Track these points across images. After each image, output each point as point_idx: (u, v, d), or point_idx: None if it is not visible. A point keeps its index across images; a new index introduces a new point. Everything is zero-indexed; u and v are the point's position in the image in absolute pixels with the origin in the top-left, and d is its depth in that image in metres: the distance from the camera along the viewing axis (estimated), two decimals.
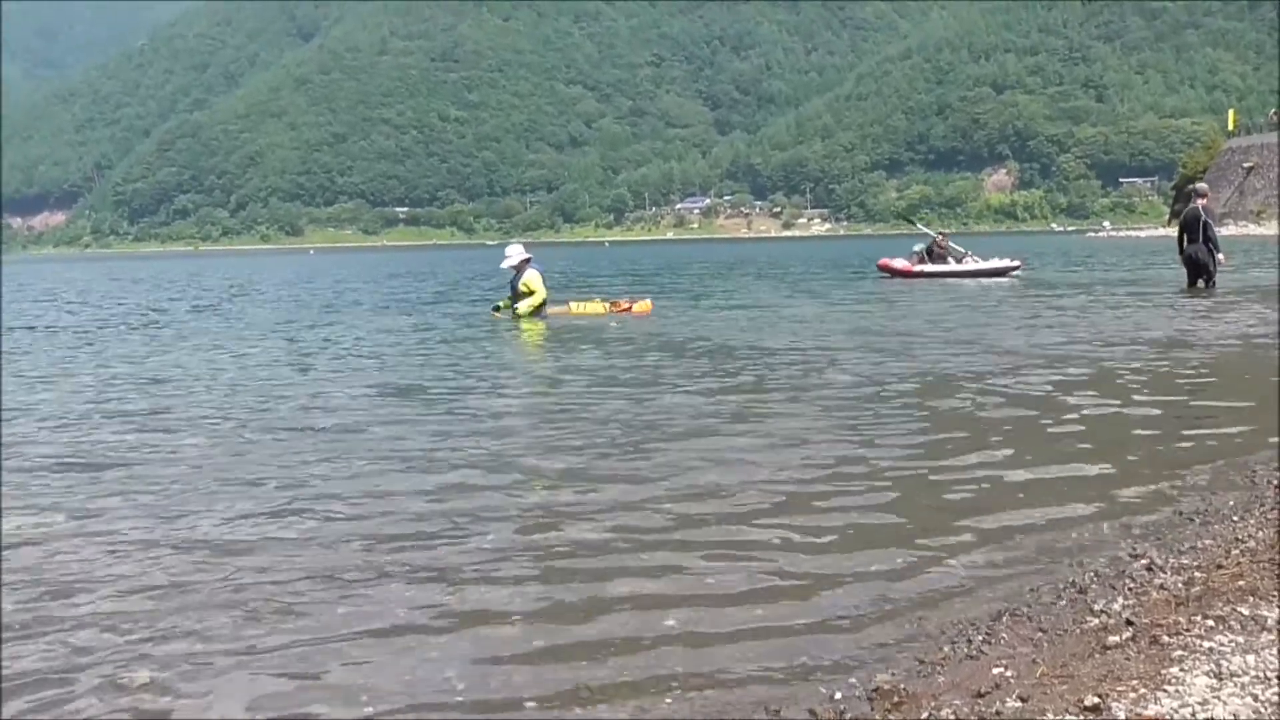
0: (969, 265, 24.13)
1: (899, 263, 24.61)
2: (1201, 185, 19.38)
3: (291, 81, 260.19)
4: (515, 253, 15.00)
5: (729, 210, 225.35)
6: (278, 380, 9.48)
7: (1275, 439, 5.82)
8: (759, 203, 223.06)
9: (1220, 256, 17.24)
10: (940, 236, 25.33)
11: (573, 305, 15.94)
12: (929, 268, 23.90)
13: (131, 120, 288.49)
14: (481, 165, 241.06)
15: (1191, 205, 17.36)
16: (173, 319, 18.38)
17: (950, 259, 24.32)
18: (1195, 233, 17.07)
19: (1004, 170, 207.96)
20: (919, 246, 25.07)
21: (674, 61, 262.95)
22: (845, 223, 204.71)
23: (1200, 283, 17.32)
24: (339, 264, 64.26)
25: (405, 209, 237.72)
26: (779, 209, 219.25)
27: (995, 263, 24.27)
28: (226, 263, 76.75)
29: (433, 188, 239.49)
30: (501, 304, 15.46)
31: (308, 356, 11.53)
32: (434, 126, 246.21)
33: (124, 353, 12.44)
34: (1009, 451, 5.79)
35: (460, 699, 2.86)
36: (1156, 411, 6.90)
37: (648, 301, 16.41)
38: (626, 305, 15.86)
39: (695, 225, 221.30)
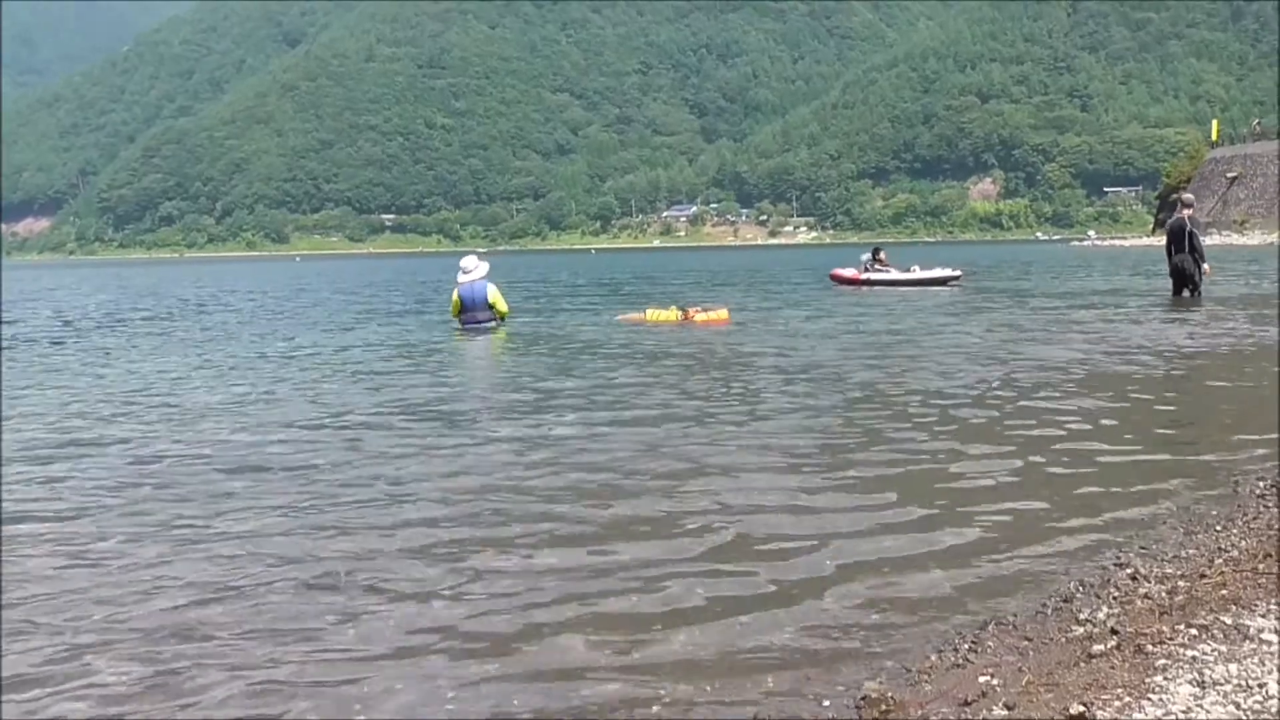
0: (915, 274, 25.11)
1: (848, 272, 25.89)
2: (1187, 196, 19.50)
3: (278, 88, 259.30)
4: (481, 268, 15.28)
5: (715, 218, 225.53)
6: (268, 397, 9.40)
7: (1260, 450, 5.86)
8: (745, 210, 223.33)
9: (1206, 267, 17.33)
10: (881, 255, 26.23)
11: (649, 312, 15.79)
12: (875, 276, 24.97)
13: (116, 126, 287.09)
14: (468, 173, 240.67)
15: (1177, 216, 17.45)
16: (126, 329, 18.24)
17: (892, 269, 25.41)
18: (1181, 243, 17.16)
19: (989, 179, 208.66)
20: (866, 256, 26.26)
21: (661, 69, 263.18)
22: (831, 231, 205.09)
23: (1186, 292, 17.42)
24: (326, 270, 63.99)
25: (392, 216, 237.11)
26: (765, 217, 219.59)
27: (937, 272, 25.46)
28: (210, 270, 76.33)
29: (419, 195, 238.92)
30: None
31: (302, 371, 11.47)
32: (420, 133, 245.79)
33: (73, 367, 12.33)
34: (993, 462, 5.79)
35: (451, 708, 2.88)
36: (1140, 421, 6.92)
37: (724, 310, 15.64)
38: (693, 313, 15.20)
39: (682, 233, 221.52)
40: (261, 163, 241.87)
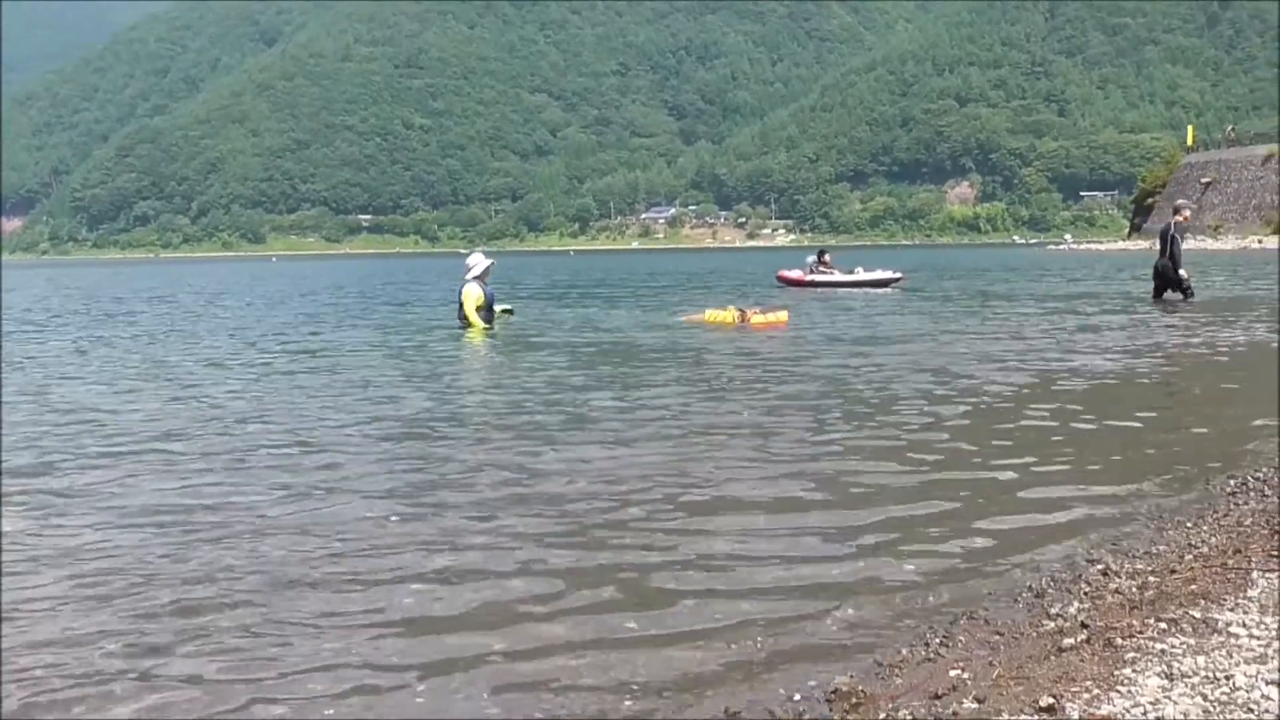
0: (858, 276, 25.53)
1: (794, 273, 26.26)
2: (1180, 201, 19.58)
3: (254, 87, 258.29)
4: (476, 268, 14.47)
5: (694, 220, 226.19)
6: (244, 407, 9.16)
7: (1230, 448, 5.85)
8: (724, 213, 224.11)
9: (1183, 273, 17.25)
10: (825, 257, 26.71)
11: (708, 313, 15.38)
12: (820, 278, 25.41)
13: (90, 125, 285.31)
14: (446, 173, 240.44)
15: (1167, 221, 17.54)
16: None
17: (836, 271, 25.84)
18: (1164, 247, 17.26)
19: (967, 183, 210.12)
20: (811, 258, 26.70)
21: (640, 71, 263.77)
22: (810, 233, 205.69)
23: (1168, 293, 17.52)
24: (303, 272, 63.70)
25: (369, 217, 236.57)
26: (744, 219, 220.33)
27: (879, 274, 25.84)
28: (188, 270, 75.91)
29: (396, 195, 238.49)
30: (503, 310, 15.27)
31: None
32: (398, 134, 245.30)
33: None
34: (967, 459, 5.75)
35: (420, 701, 2.87)
36: (1114, 421, 6.85)
37: (783, 313, 14.99)
38: (750, 315, 14.65)
39: (660, 235, 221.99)
40: (237, 162, 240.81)
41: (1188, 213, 18.10)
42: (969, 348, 11.37)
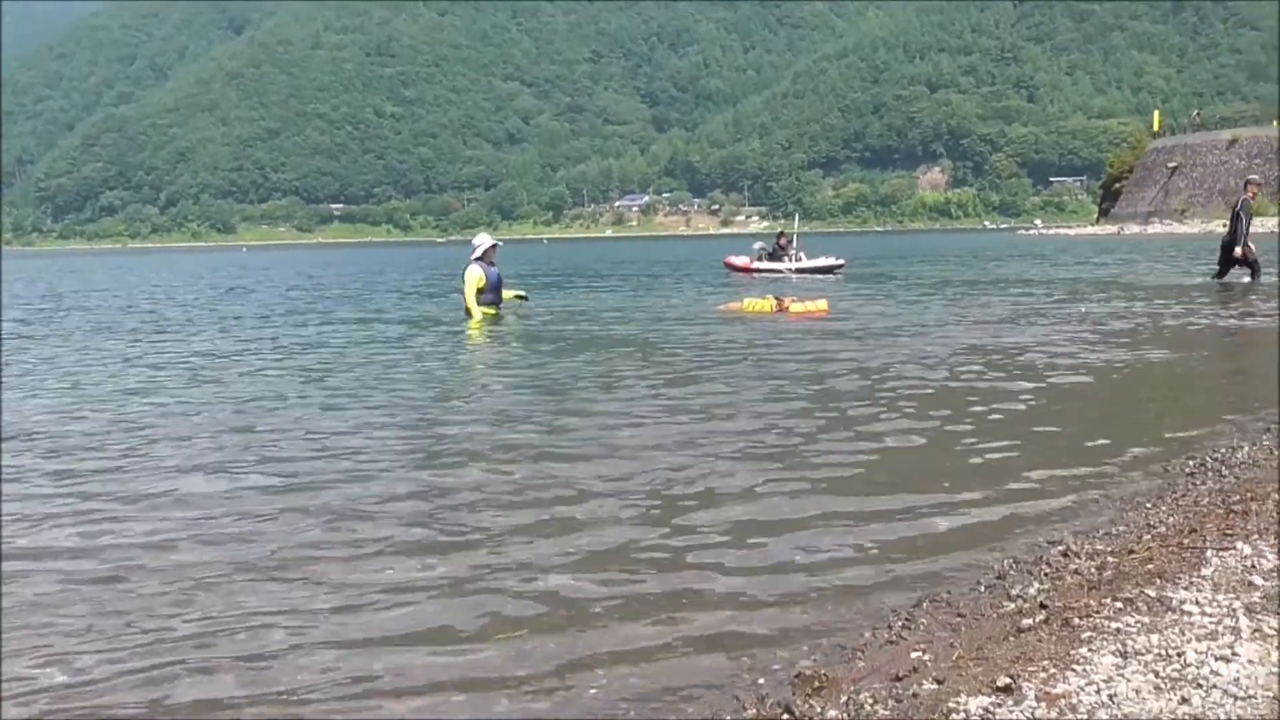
0: (802, 263, 25.86)
1: (740, 260, 26.67)
2: (1253, 176, 19.24)
3: (222, 75, 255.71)
4: (478, 248, 14.32)
5: (668, 208, 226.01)
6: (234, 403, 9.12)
7: (1191, 431, 5.91)
8: (697, 200, 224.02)
9: (1238, 250, 17.10)
10: (783, 238, 27.07)
11: (746, 302, 15.24)
12: (765, 265, 25.85)
13: (54, 114, 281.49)
14: (418, 162, 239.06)
15: (1240, 196, 17.36)
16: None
17: (787, 258, 25.97)
18: (1234, 224, 17.24)
19: (938, 168, 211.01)
20: (759, 245, 26.99)
21: (612, 58, 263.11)
22: (783, 220, 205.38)
23: (1235, 269, 17.36)
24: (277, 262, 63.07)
25: (340, 206, 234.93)
26: (717, 206, 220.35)
27: (822, 261, 26.22)
28: (154, 260, 74.96)
29: (368, 184, 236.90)
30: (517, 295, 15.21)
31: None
32: (369, 122, 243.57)
33: None
34: (932, 440, 5.79)
35: (412, 704, 2.85)
36: (1075, 403, 6.93)
37: (823, 301, 14.69)
38: (788, 304, 14.45)
39: (634, 223, 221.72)
40: (206, 151, 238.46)
41: (1255, 188, 17.84)
42: (938, 334, 11.38)
